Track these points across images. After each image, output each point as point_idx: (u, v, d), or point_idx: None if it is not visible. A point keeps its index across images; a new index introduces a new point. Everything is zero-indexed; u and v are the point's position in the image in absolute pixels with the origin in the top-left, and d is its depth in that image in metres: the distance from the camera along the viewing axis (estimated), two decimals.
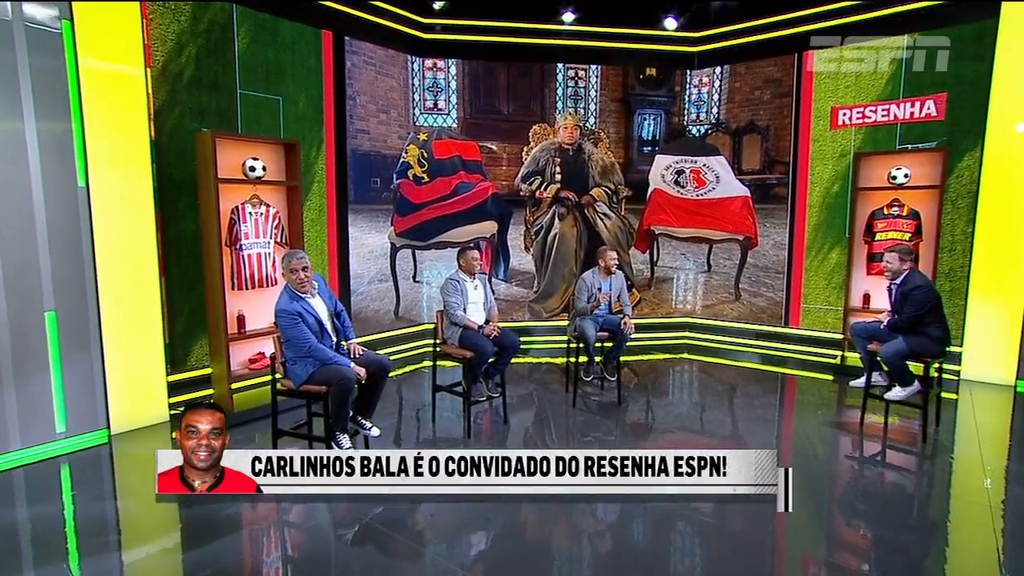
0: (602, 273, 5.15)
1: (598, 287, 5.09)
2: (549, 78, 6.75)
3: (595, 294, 5.04)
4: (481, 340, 4.41)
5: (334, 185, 5.78)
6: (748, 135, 6.67)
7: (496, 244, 6.75)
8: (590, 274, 5.18)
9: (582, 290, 5.10)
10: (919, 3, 5.55)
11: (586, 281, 5.12)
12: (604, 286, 5.14)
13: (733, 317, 6.85)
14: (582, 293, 5.08)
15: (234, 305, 4.70)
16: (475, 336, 4.45)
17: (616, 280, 5.21)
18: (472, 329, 4.49)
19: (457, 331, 4.52)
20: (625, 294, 5.28)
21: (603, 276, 5.15)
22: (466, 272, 4.60)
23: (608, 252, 5.14)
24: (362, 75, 6.00)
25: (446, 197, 6.52)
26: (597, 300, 4.94)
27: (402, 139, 6.45)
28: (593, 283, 5.11)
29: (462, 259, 4.61)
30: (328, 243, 5.79)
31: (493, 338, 4.49)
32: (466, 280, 4.61)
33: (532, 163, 6.76)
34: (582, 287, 5.11)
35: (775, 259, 6.59)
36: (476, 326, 4.50)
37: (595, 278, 5.15)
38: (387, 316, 6.39)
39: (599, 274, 5.16)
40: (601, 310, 5.12)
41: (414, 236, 6.45)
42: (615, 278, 5.20)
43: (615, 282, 5.20)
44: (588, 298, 5.04)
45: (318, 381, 3.61)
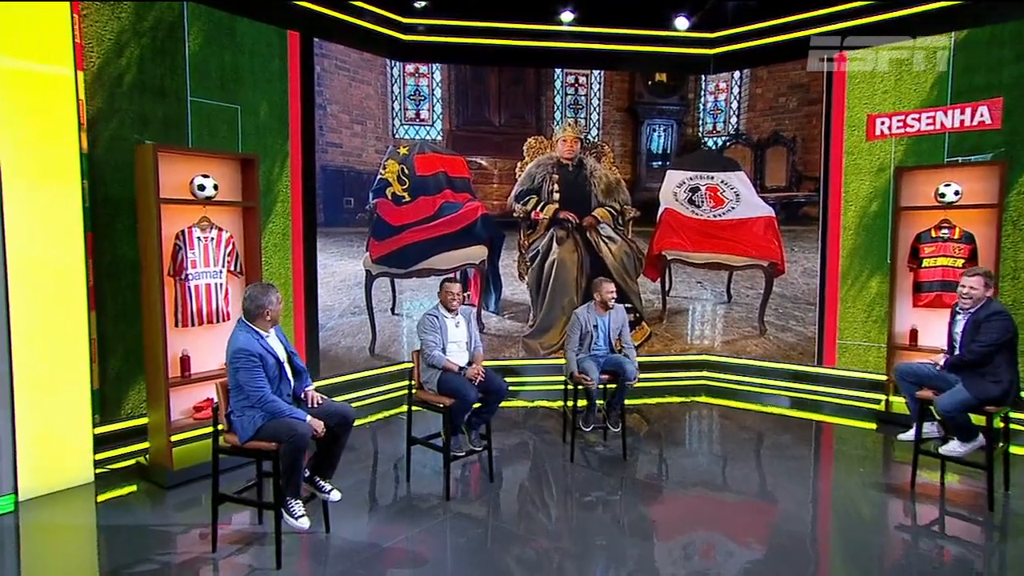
0: (598, 308, 5.00)
1: (593, 324, 4.93)
2: (546, 85, 6.71)
3: (590, 332, 4.89)
4: (462, 384, 4.22)
5: (300, 205, 5.65)
6: (772, 147, 6.59)
7: (486, 272, 6.61)
8: (584, 310, 5.03)
9: (574, 328, 4.95)
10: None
11: (580, 318, 4.96)
12: (600, 323, 4.98)
13: (758, 355, 6.69)
14: (574, 332, 4.94)
15: (177, 344, 4.47)
16: (455, 380, 4.26)
17: (615, 316, 5.05)
18: (452, 372, 4.30)
19: (435, 374, 4.34)
20: (627, 331, 5.13)
21: (599, 312, 4.99)
22: (445, 306, 4.47)
23: (604, 284, 4.99)
24: (334, 81, 5.91)
25: (430, 219, 6.40)
26: (587, 382, 4.70)
27: (380, 153, 6.35)
28: (588, 319, 4.95)
29: (442, 292, 4.51)
30: (293, 271, 5.62)
31: (477, 382, 4.29)
32: (446, 316, 4.48)
33: (527, 180, 6.66)
34: (574, 326, 4.95)
35: (805, 288, 6.43)
36: (456, 368, 4.32)
37: (590, 314, 4.99)
38: (361, 354, 6.22)
39: (595, 309, 5.00)
40: (600, 348, 4.96)
41: (393, 263, 6.32)
42: (614, 313, 5.04)
43: (614, 318, 5.04)
44: (581, 337, 4.89)
45: (267, 436, 3.39)
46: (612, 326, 4.99)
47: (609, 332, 4.97)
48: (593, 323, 4.91)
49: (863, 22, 5.88)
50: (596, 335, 4.90)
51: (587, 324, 4.89)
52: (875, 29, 5.83)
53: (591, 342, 4.90)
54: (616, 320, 5.03)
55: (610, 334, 4.96)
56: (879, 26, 5.82)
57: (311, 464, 3.67)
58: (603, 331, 4.95)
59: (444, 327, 4.43)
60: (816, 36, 6.15)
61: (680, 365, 6.94)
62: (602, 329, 4.94)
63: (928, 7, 5.58)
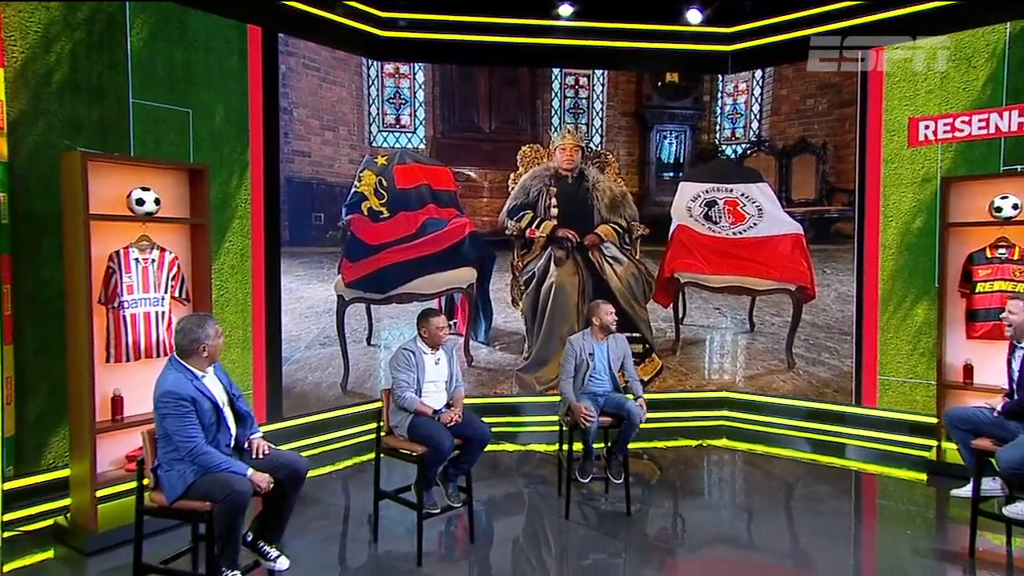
0: (596, 334, 4.87)
1: (589, 352, 4.81)
2: (542, 87, 6.68)
3: (586, 360, 4.77)
4: (436, 431, 4.08)
5: (262, 222, 5.50)
6: (799, 156, 6.52)
7: (475, 297, 6.51)
8: (579, 337, 4.92)
9: (568, 358, 4.83)
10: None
11: (574, 346, 4.84)
12: (598, 351, 4.84)
13: (786, 392, 6.52)
14: (568, 362, 4.82)
15: (108, 382, 4.26)
16: (429, 425, 4.11)
17: (616, 344, 4.92)
18: (425, 415, 4.15)
19: (406, 417, 4.19)
20: (630, 363, 4.99)
21: (597, 338, 4.87)
22: (428, 342, 4.38)
23: (603, 306, 4.90)
24: (301, 82, 5.82)
25: (411, 237, 6.30)
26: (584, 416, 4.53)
27: (354, 164, 6.27)
28: (583, 347, 4.82)
29: (424, 326, 4.39)
30: (252, 297, 5.44)
31: (454, 427, 4.14)
32: (425, 351, 4.38)
33: (521, 194, 6.59)
34: (568, 355, 4.84)
35: (839, 316, 6.28)
36: (430, 412, 4.19)
37: (586, 341, 4.86)
38: (332, 390, 6.06)
39: (592, 336, 4.87)
40: (599, 382, 4.82)
41: (369, 286, 6.19)
42: (615, 341, 4.91)
43: (614, 347, 4.90)
44: (576, 367, 4.77)
45: (200, 494, 3.21)
46: (612, 356, 4.86)
47: (609, 362, 4.84)
48: (589, 351, 4.80)
49: (906, 12, 5.77)
50: (593, 364, 4.79)
51: (582, 352, 4.78)
52: (919, 19, 5.72)
53: (588, 373, 4.78)
54: (616, 350, 4.91)
55: (610, 365, 4.84)
56: (925, 15, 5.71)
57: (255, 526, 3.51)
58: (602, 361, 4.83)
59: (421, 364, 4.33)
60: (849, 29, 6.05)
61: (696, 403, 6.80)
62: (600, 359, 4.82)
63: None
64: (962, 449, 4.21)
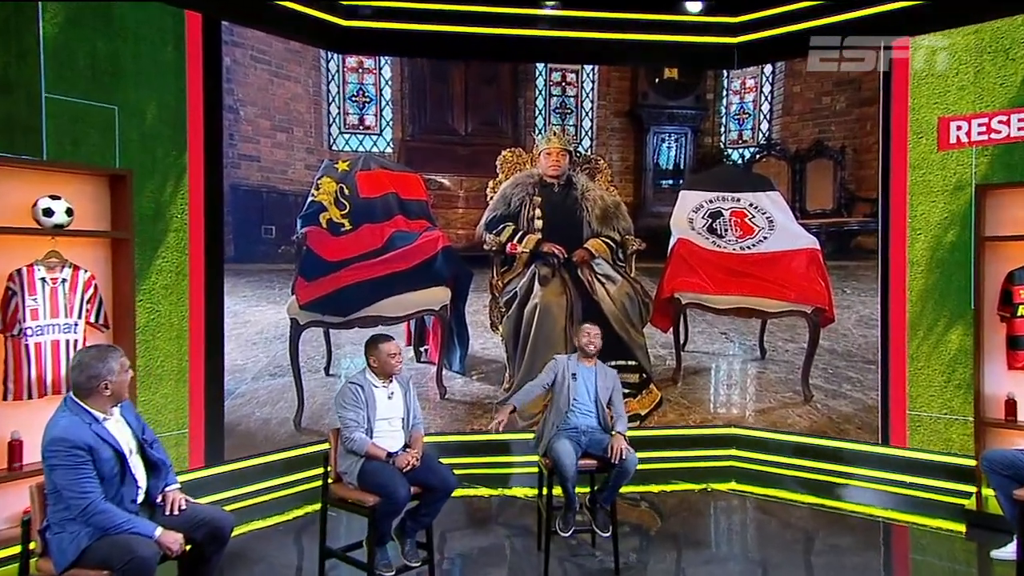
0: (583, 357, 4.90)
1: (572, 372, 4.80)
2: (525, 84, 6.65)
3: (568, 380, 4.76)
4: (390, 478, 3.95)
5: (202, 236, 5.31)
6: (814, 161, 6.46)
7: (449, 320, 6.37)
8: (565, 357, 4.96)
9: (548, 370, 4.91)
10: None
11: (558, 363, 4.88)
12: (583, 374, 4.82)
13: (802, 428, 6.38)
14: (546, 373, 4.94)
15: (6, 423, 4.13)
16: (381, 472, 4.00)
17: (603, 375, 4.89)
18: (378, 460, 4.05)
19: (356, 462, 4.07)
20: (619, 397, 4.89)
21: (585, 362, 4.88)
22: (379, 373, 4.30)
23: (585, 327, 4.94)
24: (250, 77, 5.68)
25: (376, 252, 6.17)
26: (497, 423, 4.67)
27: (311, 169, 6.16)
28: (567, 366, 4.83)
29: (373, 354, 4.33)
30: (190, 322, 5.23)
31: (411, 473, 4.05)
32: (375, 384, 4.29)
33: (501, 204, 6.48)
34: (548, 369, 4.88)
35: (862, 342, 6.16)
36: (384, 455, 4.05)
37: (572, 363, 4.86)
38: (283, 427, 5.86)
39: (579, 359, 4.89)
40: (582, 410, 4.77)
41: (328, 308, 6.02)
42: (602, 371, 4.89)
43: (602, 377, 4.87)
44: (556, 387, 4.79)
45: (96, 561, 3.00)
46: (600, 384, 4.81)
47: (596, 391, 4.79)
48: (573, 372, 4.79)
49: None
50: (577, 388, 4.75)
51: (565, 371, 4.78)
52: (950, 5, 5.64)
53: (569, 397, 4.72)
54: (604, 380, 4.86)
55: (597, 394, 4.78)
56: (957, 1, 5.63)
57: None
58: (586, 385, 4.79)
59: (372, 400, 4.22)
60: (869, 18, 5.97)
61: (701, 441, 6.68)
62: (585, 383, 4.80)
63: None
64: (1001, 498, 4.17)
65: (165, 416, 4.95)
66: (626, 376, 6.22)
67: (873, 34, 5.98)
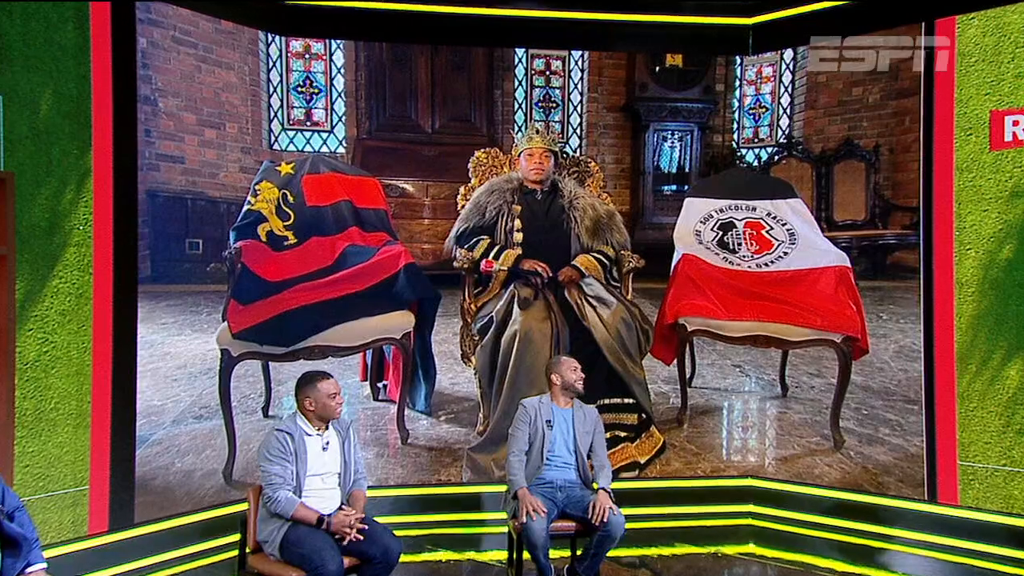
0: (558, 399, 4.78)
1: (547, 419, 4.68)
2: (502, 72, 6.66)
3: (541, 431, 4.66)
4: (320, 547, 3.81)
5: (110, 251, 5.04)
6: (843, 162, 6.40)
7: (412, 351, 6.14)
8: (536, 400, 4.83)
9: (519, 426, 4.73)
10: None
11: (528, 410, 4.75)
12: (559, 419, 4.73)
13: (832, 481, 6.14)
14: (519, 431, 4.71)
15: None
16: (310, 539, 3.85)
17: (583, 417, 4.81)
18: (308, 524, 3.90)
19: (280, 527, 3.95)
20: (601, 442, 4.84)
21: (559, 403, 4.76)
22: (314, 418, 4.15)
23: (564, 362, 4.87)
24: (171, 63, 5.51)
25: (326, 271, 5.94)
26: (530, 510, 4.47)
27: (248, 172, 6.01)
28: (539, 413, 4.73)
29: (309, 394, 4.21)
30: (93, 354, 4.94)
31: (347, 541, 3.90)
32: (308, 431, 4.11)
33: (474, 214, 6.30)
34: (520, 422, 4.76)
35: (902, 377, 6.01)
36: (315, 518, 3.93)
37: (544, 406, 4.76)
38: (210, 481, 5.58)
39: (552, 400, 4.79)
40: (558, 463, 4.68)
41: (268, 337, 5.75)
42: (580, 413, 4.79)
43: (581, 419, 4.79)
44: (530, 440, 4.68)
45: None
46: (579, 429, 4.70)
47: (576, 440, 4.70)
48: (547, 418, 4.66)
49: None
50: (552, 438, 4.65)
51: (537, 419, 4.66)
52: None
53: (544, 450, 4.65)
54: (583, 424, 4.74)
55: (576, 443, 4.68)
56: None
57: None
58: (564, 434, 4.72)
59: (303, 450, 4.06)
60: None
61: (712, 495, 6.44)
62: (562, 430, 4.72)
63: None
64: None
65: (59, 470, 4.63)
66: (622, 417, 6.03)
67: (913, 12, 5.85)
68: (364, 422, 6.12)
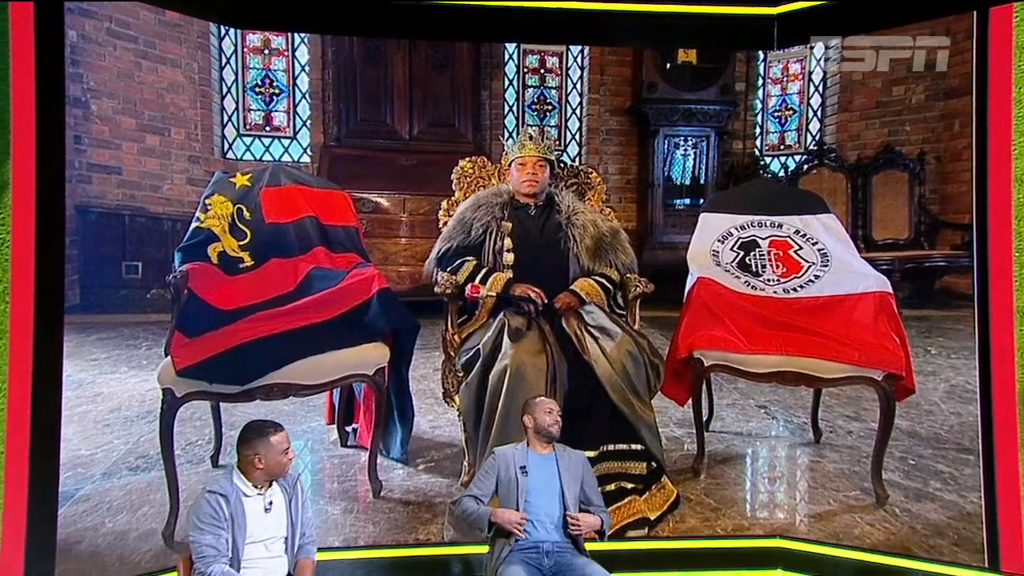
0: (535, 443, 4.54)
1: (521, 466, 4.43)
2: (490, 70, 6.35)
3: (514, 480, 4.40)
4: None
5: (31, 276, 4.82)
6: (883, 172, 6.21)
7: (386, 389, 5.87)
8: (510, 448, 4.58)
9: (483, 475, 4.50)
10: None
11: (497, 459, 4.51)
12: (538, 469, 4.46)
13: (875, 543, 5.79)
14: (481, 479, 4.50)
15: None
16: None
17: (568, 464, 4.53)
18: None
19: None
20: (593, 487, 4.57)
21: (537, 448, 4.54)
22: (258, 476, 3.95)
23: (539, 403, 4.62)
24: (106, 59, 5.34)
25: (287, 297, 5.69)
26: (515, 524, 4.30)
27: (197, 185, 5.85)
28: (513, 460, 4.48)
29: (258, 449, 3.96)
30: (8, 396, 4.76)
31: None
32: (246, 492, 3.89)
33: (458, 231, 6.06)
34: (487, 470, 4.53)
35: (955, 422, 5.91)
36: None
37: (519, 453, 4.52)
38: (147, 544, 5.26)
39: (528, 446, 4.57)
40: (541, 529, 4.38)
41: (219, 374, 5.43)
42: (568, 457, 4.54)
43: (566, 466, 4.51)
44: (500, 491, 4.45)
45: None
46: (566, 477, 4.42)
47: (561, 489, 4.40)
48: (521, 464, 4.40)
49: None
50: (528, 488, 4.37)
51: (510, 467, 4.40)
52: None
53: (518, 505, 4.39)
54: (570, 470, 4.47)
55: (562, 493, 4.39)
56: None
57: None
58: (544, 484, 4.41)
59: (240, 515, 3.81)
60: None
61: (734, 557, 6.05)
62: (543, 478, 4.41)
63: None
64: None
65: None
66: (629, 466, 5.65)
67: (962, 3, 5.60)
68: (330, 472, 5.88)
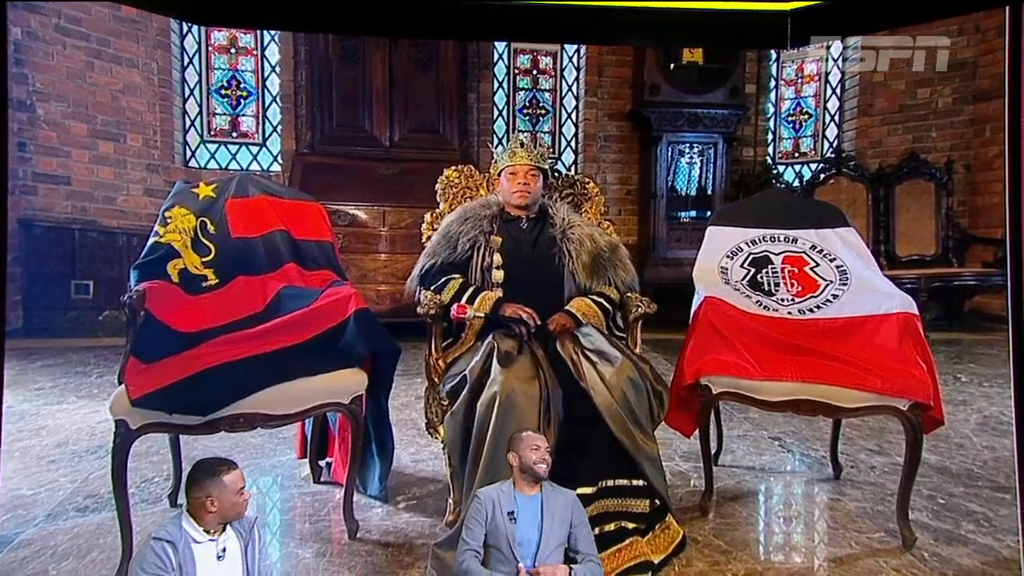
0: (520, 485, 4.40)
1: (509, 511, 4.29)
2: (477, 71, 6.42)
3: (502, 526, 4.26)
4: None
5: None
6: (907, 182, 6.16)
7: (363, 419, 5.60)
8: (495, 489, 4.42)
9: (472, 523, 4.32)
10: None
11: (482, 503, 4.34)
12: (527, 512, 4.31)
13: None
14: (471, 529, 4.31)
15: None
16: None
17: (556, 506, 4.36)
18: None
19: None
20: (587, 534, 4.38)
21: (524, 489, 4.39)
22: (211, 521, 3.76)
23: (525, 439, 4.48)
24: (54, 59, 5.33)
25: (256, 319, 5.45)
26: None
27: (155, 196, 5.83)
28: (499, 504, 4.33)
29: (210, 491, 3.77)
30: None
31: None
32: (197, 538, 3.71)
33: (444, 247, 5.85)
34: (474, 517, 4.34)
35: (988, 456, 5.73)
36: None
37: (504, 495, 4.38)
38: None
39: (515, 487, 4.43)
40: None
41: (179, 404, 5.10)
42: (556, 497, 4.38)
43: (553, 508, 4.35)
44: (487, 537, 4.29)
45: None
46: (547, 523, 4.25)
47: (541, 530, 4.27)
48: (509, 510, 4.25)
49: None
50: (515, 533, 4.22)
51: (496, 511, 4.26)
52: None
53: (509, 547, 4.27)
54: (558, 511, 4.30)
55: (543, 534, 4.26)
56: None
57: None
58: (532, 528, 4.26)
59: (189, 563, 3.64)
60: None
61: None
62: (530, 526, 4.25)
63: None
64: None
65: None
66: (630, 503, 5.33)
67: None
68: (301, 511, 5.57)
